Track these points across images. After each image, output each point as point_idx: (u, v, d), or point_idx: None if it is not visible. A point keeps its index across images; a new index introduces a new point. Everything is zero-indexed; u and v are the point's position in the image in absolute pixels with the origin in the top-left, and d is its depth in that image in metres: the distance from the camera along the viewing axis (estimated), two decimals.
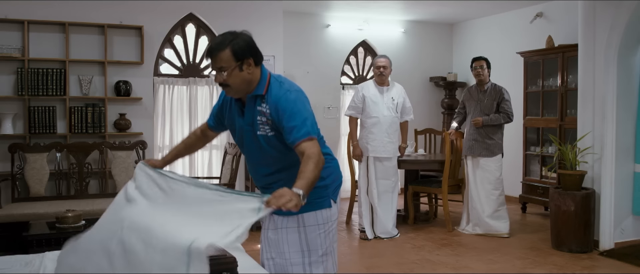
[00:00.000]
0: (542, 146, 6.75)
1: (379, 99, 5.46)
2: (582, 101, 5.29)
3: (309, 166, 2.11)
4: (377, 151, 5.46)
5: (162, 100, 6.10)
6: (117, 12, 5.73)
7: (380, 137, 5.44)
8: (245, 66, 2.28)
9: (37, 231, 4.02)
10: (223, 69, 2.26)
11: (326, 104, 8.04)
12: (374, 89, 5.52)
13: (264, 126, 2.33)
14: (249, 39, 2.32)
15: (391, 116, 5.48)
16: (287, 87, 2.33)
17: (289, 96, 2.29)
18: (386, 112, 5.46)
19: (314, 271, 2.44)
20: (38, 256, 2.70)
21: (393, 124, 5.50)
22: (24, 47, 5.37)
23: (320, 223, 2.44)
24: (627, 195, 5.17)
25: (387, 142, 5.46)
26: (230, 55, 2.24)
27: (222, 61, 2.25)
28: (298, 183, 2.02)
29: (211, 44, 2.30)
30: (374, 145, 5.46)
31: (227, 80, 2.27)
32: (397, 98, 5.52)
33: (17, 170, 5.21)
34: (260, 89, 2.33)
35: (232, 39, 2.27)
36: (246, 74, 2.29)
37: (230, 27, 6.43)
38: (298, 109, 2.27)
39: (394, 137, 5.50)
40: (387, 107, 5.46)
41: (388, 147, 5.47)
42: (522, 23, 7.54)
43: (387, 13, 7.94)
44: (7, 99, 5.36)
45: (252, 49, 2.31)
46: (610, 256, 4.87)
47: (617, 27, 4.94)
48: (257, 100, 2.34)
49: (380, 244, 5.40)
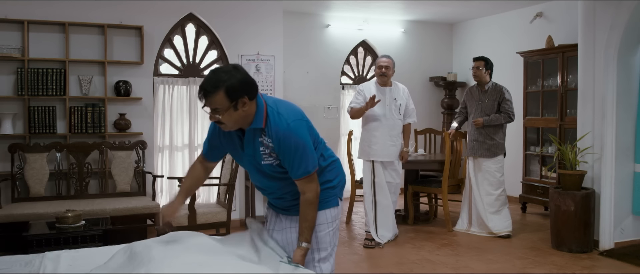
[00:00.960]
0: (542, 145, 6.75)
1: (381, 100, 5.17)
2: (582, 100, 5.29)
3: (310, 213, 2.35)
4: (379, 155, 5.23)
5: (162, 100, 6.10)
6: (117, 12, 5.73)
7: (382, 140, 5.20)
8: (240, 105, 2.17)
9: (37, 231, 4.03)
10: (217, 110, 2.17)
11: (326, 104, 8.04)
12: (375, 89, 5.24)
13: (268, 156, 2.32)
14: (242, 76, 2.18)
15: (394, 118, 5.23)
16: (286, 118, 2.27)
17: (290, 132, 2.25)
18: (388, 114, 5.21)
19: (323, 267, 2.50)
20: (38, 256, 2.69)
21: (396, 127, 5.25)
22: (24, 47, 5.36)
23: (329, 221, 2.51)
24: (626, 195, 5.17)
25: (389, 145, 5.23)
26: (223, 96, 2.13)
27: (216, 103, 2.15)
28: (305, 236, 2.35)
29: (203, 85, 2.16)
30: (376, 149, 5.23)
31: (222, 119, 2.20)
32: (400, 99, 5.26)
33: (17, 170, 5.21)
34: (259, 122, 2.26)
35: (226, 79, 2.14)
36: (241, 112, 2.20)
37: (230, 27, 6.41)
38: (297, 146, 2.25)
39: (397, 140, 5.27)
40: (390, 109, 5.22)
41: (391, 150, 5.24)
42: (522, 23, 7.54)
43: (387, 13, 7.94)
44: (7, 99, 5.36)
45: (246, 85, 2.18)
46: (610, 256, 4.87)
47: (617, 27, 4.94)
48: (257, 132, 2.30)
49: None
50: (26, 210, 4.74)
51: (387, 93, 5.24)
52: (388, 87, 5.27)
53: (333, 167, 2.54)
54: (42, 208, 4.82)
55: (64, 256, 2.65)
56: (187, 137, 6.23)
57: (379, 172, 5.26)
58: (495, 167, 5.60)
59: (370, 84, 5.34)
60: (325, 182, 2.47)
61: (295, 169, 2.28)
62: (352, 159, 6.44)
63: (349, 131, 6.63)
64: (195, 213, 4.80)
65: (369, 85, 5.35)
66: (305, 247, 2.32)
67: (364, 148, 5.33)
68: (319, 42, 7.97)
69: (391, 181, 5.31)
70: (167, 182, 6.12)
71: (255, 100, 2.24)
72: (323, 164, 2.47)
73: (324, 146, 2.53)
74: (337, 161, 2.59)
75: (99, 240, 4.00)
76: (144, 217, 5.11)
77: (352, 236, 5.74)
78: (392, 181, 5.31)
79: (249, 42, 6.28)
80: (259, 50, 6.32)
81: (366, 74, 8.52)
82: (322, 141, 2.52)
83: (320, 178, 2.44)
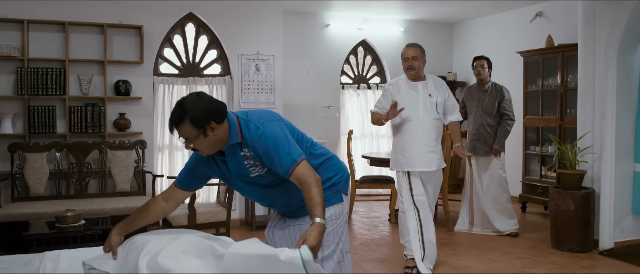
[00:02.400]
0: (542, 145, 6.75)
1: (412, 98, 4.31)
2: (582, 100, 5.29)
3: (314, 192, 2.15)
4: (414, 164, 4.28)
5: (161, 99, 6.10)
6: (117, 11, 5.73)
7: (417, 146, 4.28)
8: (209, 131, 2.21)
9: (37, 231, 4.03)
10: (188, 139, 2.23)
11: (326, 104, 8.04)
12: (405, 86, 4.38)
13: (254, 167, 2.32)
14: (205, 104, 2.22)
15: (430, 118, 4.31)
16: (255, 123, 2.28)
17: (262, 136, 2.25)
18: (423, 114, 4.30)
19: (325, 265, 2.45)
20: (38, 255, 2.69)
21: (434, 128, 4.33)
22: (24, 47, 5.36)
23: (333, 218, 2.48)
24: (626, 194, 5.17)
25: (427, 151, 4.28)
26: (189, 126, 2.19)
27: (185, 133, 2.21)
28: (316, 213, 2.10)
29: (170, 118, 2.24)
30: (410, 156, 4.30)
31: (196, 146, 2.25)
32: (437, 95, 4.36)
33: (17, 170, 5.21)
34: (234, 138, 2.28)
35: (189, 109, 2.18)
36: (212, 137, 2.23)
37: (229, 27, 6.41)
38: (274, 142, 2.24)
39: (436, 145, 4.34)
40: (424, 107, 4.30)
41: (430, 158, 4.29)
42: (522, 22, 7.54)
43: (386, 12, 7.94)
44: (6, 99, 5.35)
45: (211, 112, 2.21)
46: (609, 256, 4.87)
47: (617, 26, 4.94)
48: (236, 148, 2.31)
49: (379, 244, 5.40)
50: (26, 210, 4.74)
51: (419, 89, 4.36)
52: (420, 82, 4.37)
53: (329, 164, 2.50)
54: (42, 207, 4.82)
55: (64, 256, 2.64)
56: None
57: (418, 185, 4.32)
58: (500, 165, 5.60)
59: (400, 80, 4.46)
60: (325, 181, 2.43)
61: (282, 163, 2.23)
62: (352, 159, 6.44)
63: (348, 130, 6.63)
64: (195, 212, 4.80)
65: (397, 82, 4.46)
66: (319, 223, 2.08)
67: (397, 157, 4.41)
68: (318, 41, 7.97)
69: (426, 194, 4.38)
70: (167, 182, 6.11)
71: (225, 122, 2.26)
72: (316, 162, 2.45)
73: (312, 144, 2.50)
74: (332, 157, 2.55)
75: (99, 240, 4.00)
76: None
77: (352, 236, 5.74)
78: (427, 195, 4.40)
79: (248, 42, 6.28)
80: (258, 49, 6.32)
81: (366, 74, 8.52)
82: (309, 139, 2.50)
83: None
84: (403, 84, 4.41)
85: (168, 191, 2.51)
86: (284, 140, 2.26)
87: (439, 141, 4.39)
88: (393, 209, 6.39)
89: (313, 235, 2.04)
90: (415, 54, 4.33)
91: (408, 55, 4.35)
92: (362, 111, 8.30)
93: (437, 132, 4.37)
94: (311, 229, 2.06)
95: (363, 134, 8.34)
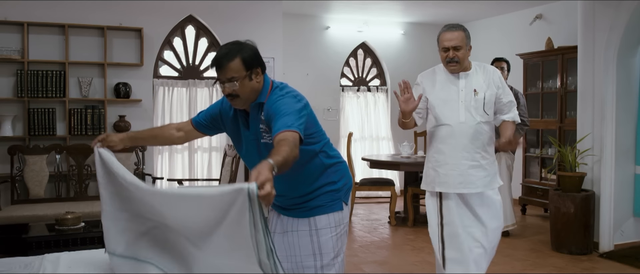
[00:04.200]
0: (542, 147, 6.75)
1: (450, 95, 3.21)
2: (582, 102, 5.29)
3: (283, 147, 1.94)
4: (449, 183, 3.16)
5: (161, 102, 6.10)
6: (117, 14, 5.73)
7: (455, 159, 3.15)
8: (254, 75, 2.25)
9: (37, 233, 4.02)
10: (234, 79, 2.21)
11: (326, 106, 8.04)
12: (443, 78, 3.26)
13: (267, 133, 2.30)
14: (256, 49, 2.29)
15: (475, 122, 3.15)
16: (284, 92, 2.30)
17: (281, 98, 2.25)
18: (465, 115, 3.16)
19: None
20: (37, 258, 2.69)
21: (480, 135, 3.15)
22: (24, 49, 5.37)
23: (332, 226, 2.43)
24: (626, 197, 5.17)
25: (468, 167, 3.13)
26: (240, 64, 2.21)
27: (232, 71, 2.20)
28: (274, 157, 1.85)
29: (219, 55, 2.23)
30: (444, 173, 3.18)
31: (238, 90, 2.23)
32: (485, 89, 3.17)
33: (17, 172, 5.21)
34: (262, 97, 2.30)
35: (241, 49, 2.24)
36: (255, 83, 2.26)
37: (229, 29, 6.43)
38: (286, 106, 2.20)
39: (484, 157, 3.16)
40: (467, 107, 3.16)
41: (472, 176, 3.13)
42: (522, 25, 7.55)
43: (386, 15, 7.95)
44: (6, 101, 5.36)
45: (259, 58, 2.29)
46: (610, 258, 4.87)
47: (617, 28, 4.94)
48: (259, 109, 2.31)
49: (379, 246, 5.40)
50: (26, 212, 4.73)
51: (461, 83, 3.20)
52: (463, 73, 3.22)
53: (338, 168, 2.46)
54: (42, 209, 4.81)
55: (64, 258, 2.64)
56: None
57: (451, 211, 3.18)
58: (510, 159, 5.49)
59: (436, 70, 3.33)
60: (328, 184, 2.41)
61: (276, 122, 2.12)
62: (352, 162, 6.44)
63: (348, 132, 6.63)
64: None
65: (433, 73, 3.34)
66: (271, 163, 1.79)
67: (428, 172, 3.30)
68: (318, 44, 7.98)
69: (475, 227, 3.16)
70: (167, 184, 6.11)
71: (263, 76, 2.31)
72: (327, 161, 2.42)
73: (329, 145, 2.47)
74: (343, 163, 2.52)
75: (99, 242, 3.98)
76: None
77: (352, 238, 5.74)
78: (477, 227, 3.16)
79: None
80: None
81: (366, 76, 8.52)
82: (327, 139, 2.48)
83: (322, 177, 2.39)
84: (440, 75, 3.28)
85: (182, 123, 2.60)
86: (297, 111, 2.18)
87: (489, 152, 3.20)
88: (393, 211, 6.39)
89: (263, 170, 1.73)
90: (458, 42, 3.12)
91: (448, 43, 3.14)
92: (361, 113, 8.31)
93: (486, 139, 3.17)
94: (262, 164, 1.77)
95: (363, 136, 8.33)
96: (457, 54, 3.12)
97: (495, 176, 3.22)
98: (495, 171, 3.23)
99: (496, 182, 3.21)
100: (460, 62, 3.14)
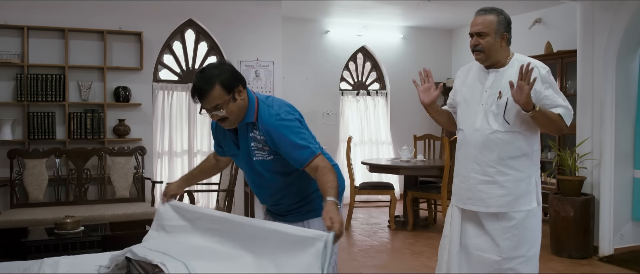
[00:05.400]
0: (541, 151, 6.73)
1: (474, 95, 2.78)
2: (581, 106, 5.29)
3: (329, 176, 2.17)
4: (459, 197, 2.85)
5: (161, 106, 6.10)
6: (117, 18, 5.74)
7: (464, 170, 2.82)
8: (237, 95, 2.22)
9: (36, 237, 4.02)
10: (218, 106, 2.18)
11: (325, 110, 8.04)
12: (475, 73, 2.83)
13: (260, 151, 2.32)
14: (232, 67, 2.25)
15: (488, 131, 2.70)
16: (276, 110, 2.29)
17: (281, 123, 2.25)
18: (481, 121, 2.73)
19: None
20: (37, 262, 2.69)
21: (492, 146, 2.69)
22: (24, 53, 5.37)
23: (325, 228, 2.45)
24: (626, 201, 5.17)
25: (477, 182, 2.74)
26: (221, 90, 2.17)
27: (215, 99, 2.17)
28: (330, 192, 2.09)
29: (198, 85, 2.17)
30: (456, 184, 2.90)
31: (226, 114, 2.22)
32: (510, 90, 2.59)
33: (16, 176, 5.20)
34: (250, 117, 2.28)
35: (218, 73, 2.18)
36: (240, 102, 2.24)
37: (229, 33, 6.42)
38: (294, 133, 2.24)
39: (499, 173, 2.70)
40: (485, 111, 2.71)
41: (483, 192, 2.73)
42: (521, 29, 7.55)
43: (386, 19, 7.96)
44: (6, 105, 5.36)
45: (238, 75, 2.24)
46: (609, 262, 4.86)
47: (616, 32, 4.95)
48: (249, 127, 2.31)
49: (379, 250, 5.39)
50: (25, 216, 4.73)
51: (488, 81, 2.75)
52: (496, 69, 2.74)
53: None
54: (41, 213, 4.80)
55: (63, 262, 2.64)
56: (186, 143, 6.23)
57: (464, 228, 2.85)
58: None
59: (474, 63, 2.87)
60: None
61: (298, 155, 2.23)
62: (351, 165, 6.43)
63: (348, 136, 6.63)
64: None
65: (470, 66, 2.91)
66: (332, 200, 2.05)
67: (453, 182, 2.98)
68: (318, 48, 7.98)
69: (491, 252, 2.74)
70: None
71: (245, 91, 2.29)
72: None
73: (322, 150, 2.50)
74: (335, 166, 2.55)
75: (98, 246, 3.99)
76: (143, 223, 5.09)
77: (351, 242, 5.73)
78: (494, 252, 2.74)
79: (248, 48, 6.29)
80: (258, 56, 6.33)
81: (366, 80, 8.52)
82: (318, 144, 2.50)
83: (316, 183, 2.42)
84: (474, 70, 2.85)
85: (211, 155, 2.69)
86: (303, 130, 2.28)
87: (513, 167, 2.69)
88: (392, 215, 6.38)
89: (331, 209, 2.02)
90: (483, 28, 2.68)
91: (473, 28, 2.73)
92: (361, 117, 8.31)
93: (505, 152, 2.68)
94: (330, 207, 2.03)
95: (362, 140, 8.33)
96: (480, 42, 2.68)
97: (524, 197, 2.70)
98: (525, 191, 2.71)
99: (523, 203, 2.70)
100: (486, 51, 2.68)
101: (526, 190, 2.72)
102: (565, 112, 2.75)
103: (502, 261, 2.72)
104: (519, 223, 2.72)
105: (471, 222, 2.81)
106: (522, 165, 2.71)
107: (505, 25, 2.74)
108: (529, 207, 2.73)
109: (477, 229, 2.79)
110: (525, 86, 2.50)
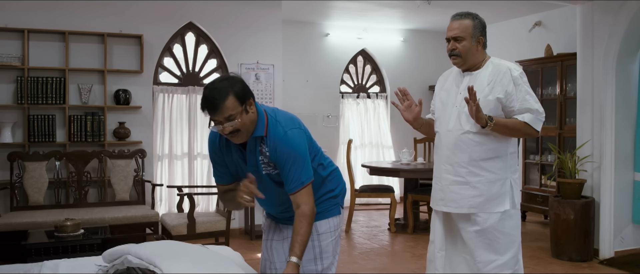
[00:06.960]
0: (542, 154, 6.75)
1: (450, 97, 2.87)
2: (581, 109, 5.29)
3: (304, 227, 2.22)
4: (434, 198, 2.92)
5: (161, 108, 6.10)
6: (117, 21, 5.74)
7: (437, 171, 2.89)
8: (248, 107, 2.19)
9: (36, 240, 4.02)
10: (232, 116, 2.13)
11: (325, 113, 8.05)
12: (452, 77, 2.93)
13: (267, 166, 2.31)
14: (242, 80, 2.23)
15: (460, 131, 2.77)
16: (283, 126, 2.27)
17: (286, 140, 2.24)
18: (454, 122, 2.80)
19: None
20: (37, 265, 2.68)
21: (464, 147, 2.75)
22: (24, 56, 5.37)
23: (332, 230, 2.49)
24: (626, 203, 5.16)
25: (450, 183, 2.79)
26: (235, 100, 2.13)
27: (229, 109, 2.12)
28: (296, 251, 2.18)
29: (211, 96, 2.13)
30: (433, 186, 2.96)
31: (238, 126, 2.16)
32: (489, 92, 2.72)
33: (16, 179, 5.20)
34: (260, 131, 2.25)
35: (231, 84, 2.16)
36: (252, 114, 2.21)
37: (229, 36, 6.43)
38: (295, 154, 2.24)
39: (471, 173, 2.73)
40: (459, 113, 2.78)
41: (455, 193, 2.77)
42: (521, 32, 7.56)
43: (386, 22, 7.97)
44: (6, 108, 5.36)
45: (248, 88, 2.23)
46: (610, 265, 4.86)
47: (616, 35, 4.96)
48: (257, 141, 2.29)
49: (379, 253, 5.39)
50: (25, 219, 4.73)
51: (463, 83, 2.81)
52: (471, 72, 2.82)
53: (333, 176, 2.53)
54: (41, 216, 4.80)
55: (63, 265, 2.64)
56: (186, 146, 6.22)
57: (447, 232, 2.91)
58: None
59: (454, 68, 2.93)
60: (327, 192, 2.47)
61: (290, 180, 2.25)
62: (351, 168, 6.43)
63: (348, 139, 6.63)
64: (195, 221, 4.79)
65: (450, 72, 2.99)
66: (295, 262, 2.15)
67: None
68: (318, 51, 7.99)
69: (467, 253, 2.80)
70: (167, 191, 6.11)
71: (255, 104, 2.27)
72: (324, 173, 2.46)
73: (322, 154, 2.51)
74: (336, 169, 2.58)
75: (98, 249, 3.98)
76: (143, 226, 5.10)
77: (351, 245, 5.73)
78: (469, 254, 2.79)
79: (248, 51, 6.30)
80: (258, 59, 6.34)
81: (366, 83, 8.53)
82: (320, 149, 2.51)
83: (322, 188, 2.44)
84: (452, 74, 2.93)
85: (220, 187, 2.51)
86: (303, 158, 2.27)
87: (486, 168, 2.73)
88: (393, 218, 6.38)
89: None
90: (459, 32, 2.74)
91: (449, 33, 2.79)
92: (361, 120, 8.31)
93: (477, 153, 2.73)
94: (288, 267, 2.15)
95: (363, 143, 8.34)
96: (457, 46, 2.74)
97: (496, 199, 2.71)
98: (498, 193, 2.72)
99: (495, 205, 2.71)
100: (463, 55, 2.74)
101: (499, 192, 2.74)
102: (532, 118, 2.81)
103: (480, 265, 2.74)
104: (491, 226, 2.72)
105: (452, 225, 2.85)
106: (495, 167, 2.75)
107: (481, 29, 2.81)
108: (501, 209, 2.74)
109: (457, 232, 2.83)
110: (472, 105, 2.58)
